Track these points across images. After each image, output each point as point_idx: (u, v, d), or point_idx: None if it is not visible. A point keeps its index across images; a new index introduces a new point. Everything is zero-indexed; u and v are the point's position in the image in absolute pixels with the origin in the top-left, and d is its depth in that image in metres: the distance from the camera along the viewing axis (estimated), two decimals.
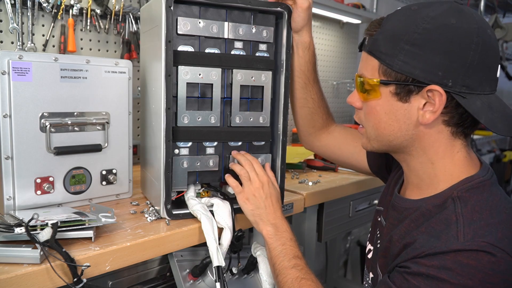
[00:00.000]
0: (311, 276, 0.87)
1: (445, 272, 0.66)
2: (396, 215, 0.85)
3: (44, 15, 1.38)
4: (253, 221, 0.97)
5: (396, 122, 0.78)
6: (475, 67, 0.71)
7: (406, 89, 0.75)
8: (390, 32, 0.76)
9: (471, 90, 0.72)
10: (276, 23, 1.06)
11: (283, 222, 0.96)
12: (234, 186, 0.98)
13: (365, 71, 0.80)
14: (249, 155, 1.03)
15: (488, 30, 0.73)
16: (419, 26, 0.72)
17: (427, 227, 0.73)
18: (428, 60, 0.72)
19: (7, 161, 0.94)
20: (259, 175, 0.98)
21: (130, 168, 1.15)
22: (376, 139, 0.83)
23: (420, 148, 0.79)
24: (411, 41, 0.72)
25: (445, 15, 0.72)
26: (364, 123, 0.85)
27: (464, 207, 0.71)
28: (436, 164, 0.79)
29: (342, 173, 1.64)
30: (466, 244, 0.66)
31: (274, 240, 0.93)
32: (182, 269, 1.03)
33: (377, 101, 0.79)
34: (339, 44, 2.60)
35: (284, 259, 0.90)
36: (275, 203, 0.98)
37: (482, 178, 0.75)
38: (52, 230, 0.77)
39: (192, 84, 0.97)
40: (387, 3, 2.86)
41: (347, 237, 2.42)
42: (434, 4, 0.75)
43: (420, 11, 0.74)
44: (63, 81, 0.99)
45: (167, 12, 0.91)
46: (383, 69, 0.76)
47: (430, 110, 0.74)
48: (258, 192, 0.97)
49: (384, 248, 0.84)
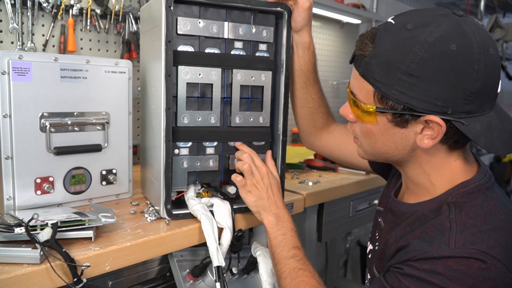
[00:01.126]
0: (308, 267, 0.88)
1: (435, 276, 0.66)
2: (394, 218, 0.85)
3: (44, 15, 1.38)
4: (256, 211, 0.98)
5: (393, 144, 0.77)
6: (476, 94, 0.68)
7: (403, 118, 0.72)
8: (384, 58, 0.71)
9: (471, 115, 0.70)
10: (276, 23, 1.05)
11: (285, 212, 0.97)
12: (238, 180, 0.99)
13: (359, 92, 0.77)
14: (246, 148, 1.03)
15: (490, 48, 0.69)
16: (417, 54, 0.68)
17: (422, 232, 0.73)
18: (426, 91, 0.68)
19: (7, 161, 0.94)
20: (258, 168, 0.99)
21: (130, 168, 1.15)
22: (372, 154, 0.83)
23: (416, 163, 0.79)
24: (408, 71, 0.68)
25: (444, 39, 0.67)
26: (360, 138, 0.84)
27: (458, 213, 0.71)
28: (432, 175, 0.79)
29: (342, 173, 1.64)
30: (457, 251, 0.66)
31: (275, 230, 0.94)
32: (182, 269, 1.03)
33: (372, 125, 0.77)
34: (339, 44, 2.60)
35: (283, 249, 0.91)
36: (276, 193, 0.99)
37: (479, 182, 0.75)
38: (52, 230, 0.77)
39: (192, 84, 0.97)
40: (387, 3, 2.86)
41: (347, 237, 2.42)
42: (432, 23, 0.69)
43: (416, 33, 0.68)
44: (63, 81, 0.99)
45: (167, 12, 0.90)
46: (378, 96, 0.73)
47: (428, 135, 0.72)
48: (260, 184, 0.97)
49: (380, 251, 0.84)
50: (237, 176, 1.00)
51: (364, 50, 0.74)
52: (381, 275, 0.76)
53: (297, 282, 0.86)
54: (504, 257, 0.66)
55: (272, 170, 1.03)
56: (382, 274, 0.76)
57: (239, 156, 1.01)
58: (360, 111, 0.78)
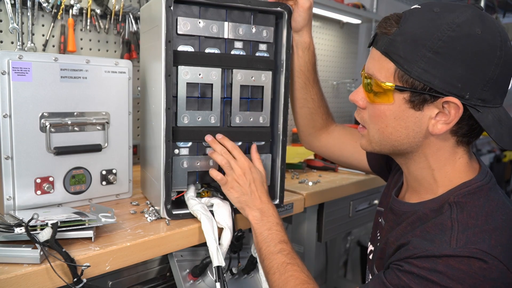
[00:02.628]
0: (296, 261, 0.87)
1: (435, 274, 0.66)
2: (394, 218, 0.85)
3: (44, 15, 1.38)
4: (240, 207, 0.97)
5: (404, 129, 0.76)
6: (494, 81, 0.69)
7: (421, 98, 0.72)
8: (410, 35, 0.71)
9: (485, 104, 0.70)
10: (276, 23, 1.05)
11: (269, 206, 0.96)
12: (219, 179, 0.97)
13: (377, 72, 0.76)
14: (227, 141, 1.00)
15: (508, 41, 0.71)
16: (444, 33, 0.69)
17: (422, 230, 0.73)
18: (450, 70, 0.69)
19: (7, 161, 0.94)
20: (239, 162, 0.97)
21: (130, 168, 1.15)
22: (379, 142, 0.81)
23: (423, 154, 0.79)
24: (434, 48, 0.69)
25: (470, 23, 0.69)
26: (368, 125, 0.82)
27: (460, 213, 0.71)
28: (436, 171, 0.78)
29: (342, 173, 1.64)
30: (458, 250, 0.66)
31: (260, 225, 0.93)
32: (182, 269, 1.03)
33: (387, 105, 0.76)
34: (339, 44, 2.60)
35: (270, 244, 0.90)
36: (260, 187, 0.97)
37: (480, 182, 0.75)
38: (52, 230, 0.77)
39: (192, 84, 0.97)
40: (387, 3, 2.86)
41: (347, 237, 2.42)
42: (457, 9, 0.71)
43: (443, 15, 0.70)
44: (63, 81, 0.99)
45: (167, 12, 0.90)
46: (399, 74, 0.72)
47: (443, 121, 0.72)
48: (241, 179, 0.96)
49: (381, 250, 0.84)
50: (217, 174, 0.97)
51: (388, 29, 0.74)
52: (381, 272, 0.76)
53: (286, 277, 0.84)
54: (505, 257, 0.66)
55: (256, 164, 1.01)
56: (382, 271, 0.75)
57: (214, 148, 0.99)
58: (375, 93, 0.77)
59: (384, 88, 0.75)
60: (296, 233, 1.49)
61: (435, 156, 0.78)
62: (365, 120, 0.83)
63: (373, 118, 0.80)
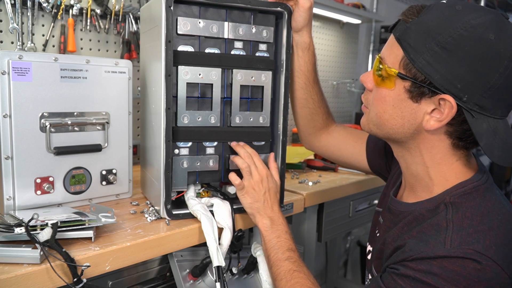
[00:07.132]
0: (303, 268, 0.89)
1: (431, 277, 0.66)
2: (392, 218, 0.85)
3: (44, 15, 1.38)
4: (251, 213, 0.98)
5: (400, 118, 0.77)
6: (495, 91, 0.69)
7: (420, 90, 0.73)
8: (424, 26, 0.72)
9: (482, 111, 0.70)
10: (276, 23, 1.05)
11: (279, 215, 0.97)
12: (237, 183, 0.99)
13: (387, 57, 0.77)
14: (248, 147, 1.03)
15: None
16: (456, 31, 0.68)
17: (418, 231, 0.73)
18: (452, 68, 0.69)
19: (7, 161, 0.94)
20: (258, 169, 0.99)
21: (130, 168, 1.15)
22: (376, 126, 0.82)
23: (418, 149, 0.79)
24: (442, 43, 0.69)
25: (485, 27, 0.68)
26: (370, 107, 0.83)
27: (455, 213, 0.71)
28: (431, 168, 0.79)
29: (342, 173, 1.64)
30: (452, 251, 0.66)
31: (269, 232, 0.95)
32: (182, 269, 1.03)
33: (389, 91, 0.77)
34: (339, 44, 2.60)
35: (278, 251, 0.92)
36: (273, 197, 0.99)
37: (476, 183, 0.75)
38: (52, 230, 0.77)
39: (192, 84, 0.97)
40: (387, 3, 2.87)
41: (347, 237, 2.42)
42: (479, 11, 0.70)
43: (463, 14, 0.70)
44: (63, 81, 0.99)
45: (167, 12, 0.90)
46: (405, 62, 0.74)
47: (436, 118, 0.73)
48: (258, 186, 0.98)
49: (379, 250, 0.85)
50: (236, 178, 0.99)
51: (408, 17, 0.75)
52: (378, 275, 0.76)
53: (292, 283, 0.86)
54: (500, 258, 0.66)
55: (273, 173, 1.03)
56: (379, 275, 0.76)
57: (238, 151, 1.01)
58: (381, 77, 0.78)
59: (388, 73, 0.76)
60: (296, 233, 1.49)
61: (429, 153, 0.78)
62: (369, 101, 0.84)
63: (375, 101, 0.81)
